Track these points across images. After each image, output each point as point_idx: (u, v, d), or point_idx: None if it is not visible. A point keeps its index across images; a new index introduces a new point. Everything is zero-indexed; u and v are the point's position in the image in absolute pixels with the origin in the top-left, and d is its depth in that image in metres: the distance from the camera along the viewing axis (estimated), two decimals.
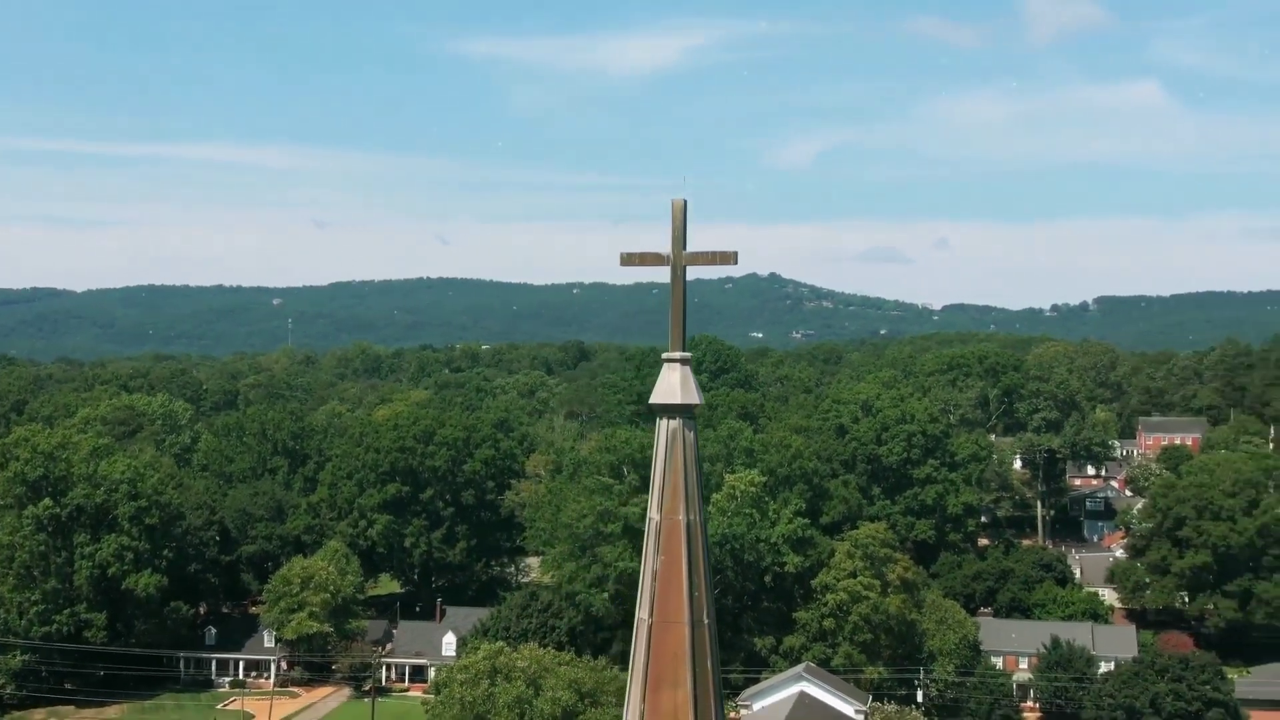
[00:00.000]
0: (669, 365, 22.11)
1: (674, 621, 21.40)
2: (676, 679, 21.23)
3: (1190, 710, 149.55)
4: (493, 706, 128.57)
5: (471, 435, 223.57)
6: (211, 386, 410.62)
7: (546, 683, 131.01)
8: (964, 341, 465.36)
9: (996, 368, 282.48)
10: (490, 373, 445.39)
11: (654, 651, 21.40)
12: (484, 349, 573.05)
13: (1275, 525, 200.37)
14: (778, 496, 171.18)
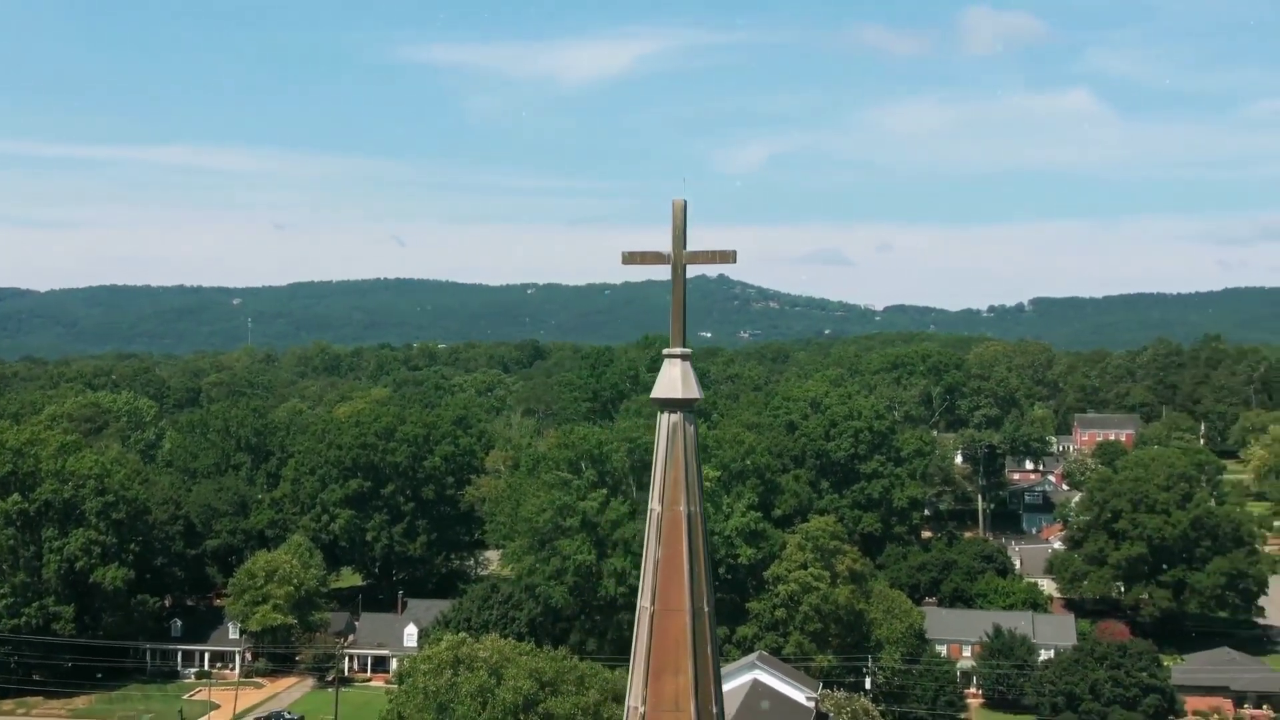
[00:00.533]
0: (669, 361, 22.13)
1: (676, 610, 21.38)
2: (678, 666, 21.22)
3: (1128, 696, 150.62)
4: (455, 696, 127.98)
5: (431, 432, 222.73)
6: (174, 384, 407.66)
7: (508, 672, 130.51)
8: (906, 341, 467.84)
9: (939, 366, 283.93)
10: (448, 371, 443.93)
11: (656, 639, 21.37)
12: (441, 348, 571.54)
13: (1207, 518, 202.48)
14: (731, 491, 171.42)
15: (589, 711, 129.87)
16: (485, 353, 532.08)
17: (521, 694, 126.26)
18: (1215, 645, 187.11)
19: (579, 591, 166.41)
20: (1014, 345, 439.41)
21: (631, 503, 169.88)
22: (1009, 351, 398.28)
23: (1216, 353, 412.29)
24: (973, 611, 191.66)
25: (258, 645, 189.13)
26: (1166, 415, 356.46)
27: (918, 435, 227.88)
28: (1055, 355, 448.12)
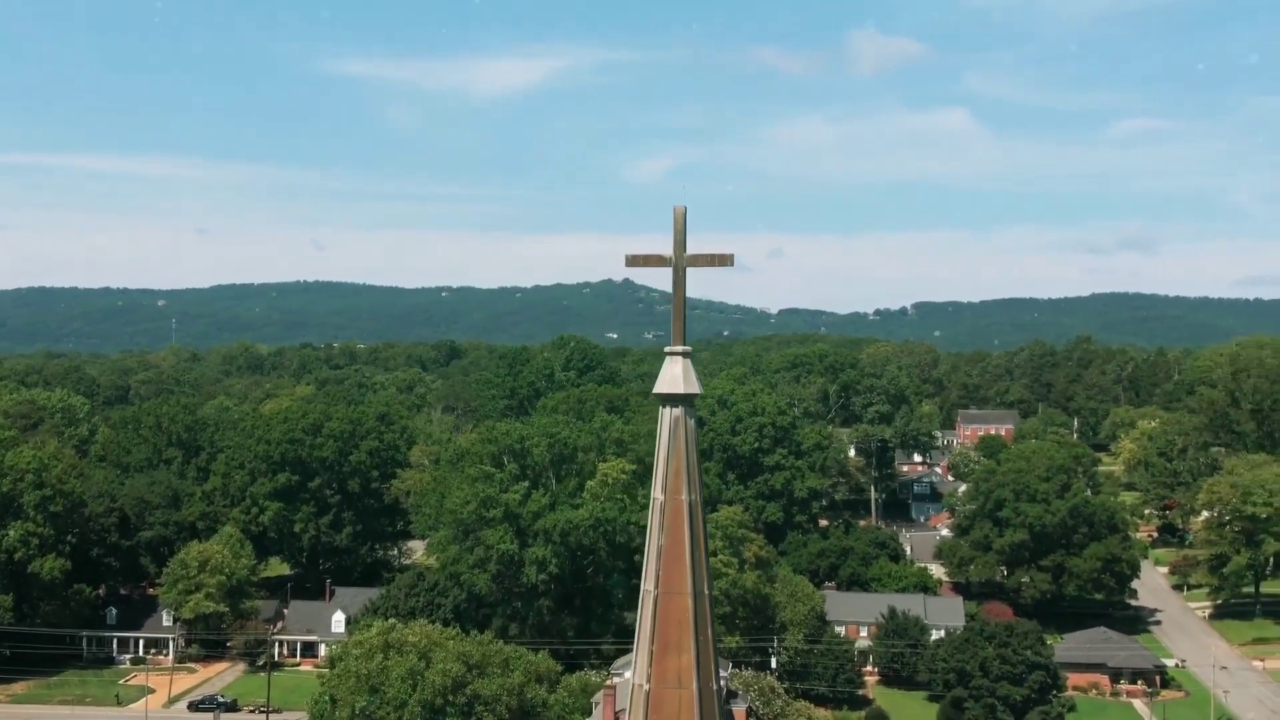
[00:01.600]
0: (671, 359, 22.17)
1: (678, 593, 21.42)
2: (681, 645, 21.27)
3: (1015, 673, 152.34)
4: (386, 678, 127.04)
5: (356, 428, 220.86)
6: (104, 382, 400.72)
7: (436, 656, 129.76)
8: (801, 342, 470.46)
9: (835, 366, 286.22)
10: (368, 370, 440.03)
11: (660, 620, 21.40)
12: (361, 348, 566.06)
13: (1084, 507, 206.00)
14: (646, 483, 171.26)
15: (514, 692, 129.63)
16: (404, 352, 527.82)
17: (450, 676, 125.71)
18: (1092, 625, 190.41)
19: (501, 579, 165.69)
20: (901, 346, 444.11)
21: (551, 494, 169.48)
22: (898, 352, 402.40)
23: (1087, 353, 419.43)
24: (868, 595, 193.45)
25: (191, 632, 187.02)
26: (1042, 411, 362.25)
27: (816, 430, 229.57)
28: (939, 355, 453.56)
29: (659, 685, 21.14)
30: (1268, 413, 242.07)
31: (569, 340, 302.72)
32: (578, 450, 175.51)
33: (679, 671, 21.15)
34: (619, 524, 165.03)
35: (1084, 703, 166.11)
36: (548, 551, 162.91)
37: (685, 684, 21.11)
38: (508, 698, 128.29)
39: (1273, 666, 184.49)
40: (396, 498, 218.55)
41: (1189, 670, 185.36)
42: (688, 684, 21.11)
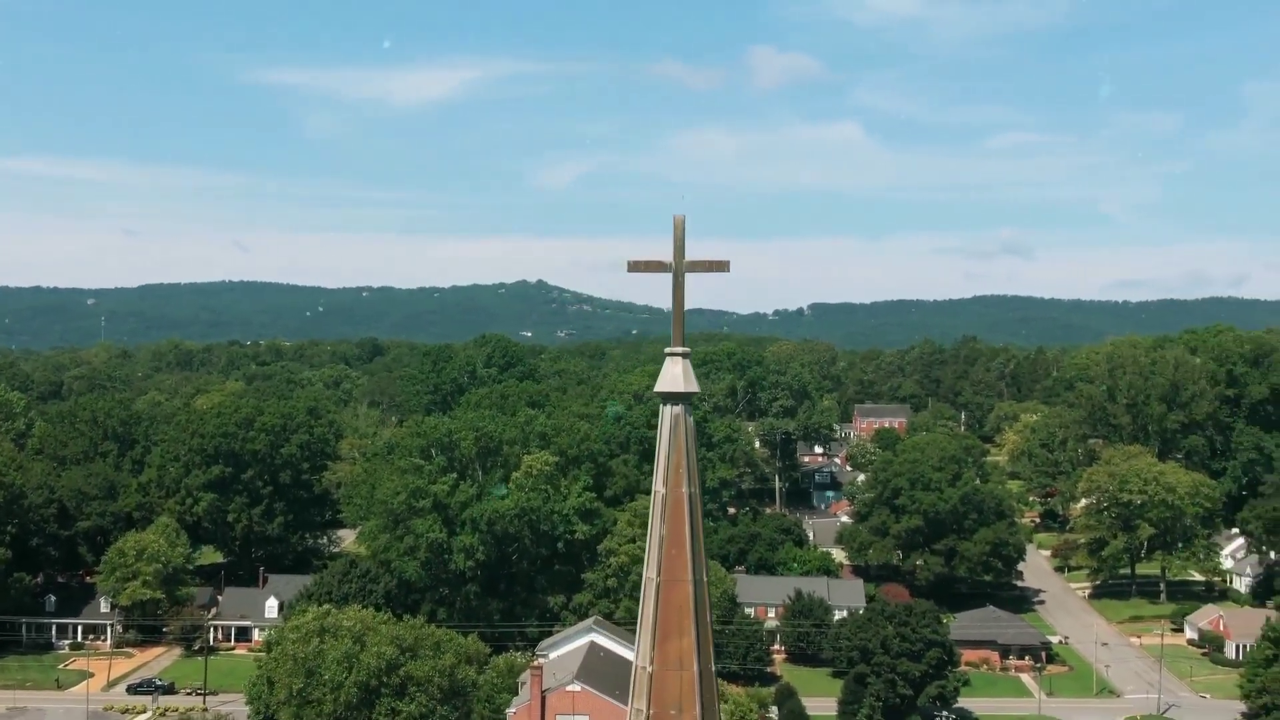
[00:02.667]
0: (671, 359, 22.17)
1: (679, 580, 21.42)
2: (682, 629, 21.27)
3: (914, 650, 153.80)
4: (323, 661, 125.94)
5: (287, 422, 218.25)
6: (38, 378, 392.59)
7: (371, 640, 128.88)
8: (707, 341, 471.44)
9: (742, 364, 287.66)
10: (294, 366, 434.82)
11: (662, 606, 21.37)
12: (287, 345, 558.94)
13: (974, 494, 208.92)
14: (568, 474, 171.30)
15: (445, 673, 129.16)
16: (328, 350, 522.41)
17: (384, 659, 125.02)
18: (982, 605, 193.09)
19: (430, 566, 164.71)
20: (803, 345, 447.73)
21: (478, 485, 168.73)
22: (799, 350, 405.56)
23: (973, 351, 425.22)
24: (775, 578, 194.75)
25: (128, 618, 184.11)
26: (932, 405, 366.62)
27: (726, 423, 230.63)
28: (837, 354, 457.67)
29: (661, 667, 21.12)
30: (1141, 407, 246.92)
31: (490, 339, 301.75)
32: (503, 443, 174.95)
33: (680, 654, 21.15)
34: (543, 513, 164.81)
35: (977, 677, 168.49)
36: (475, 540, 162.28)
37: (686, 666, 21.13)
38: (439, 678, 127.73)
39: (1148, 642, 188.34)
40: (327, 489, 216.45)
41: (1072, 646, 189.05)
42: (689, 666, 21.13)
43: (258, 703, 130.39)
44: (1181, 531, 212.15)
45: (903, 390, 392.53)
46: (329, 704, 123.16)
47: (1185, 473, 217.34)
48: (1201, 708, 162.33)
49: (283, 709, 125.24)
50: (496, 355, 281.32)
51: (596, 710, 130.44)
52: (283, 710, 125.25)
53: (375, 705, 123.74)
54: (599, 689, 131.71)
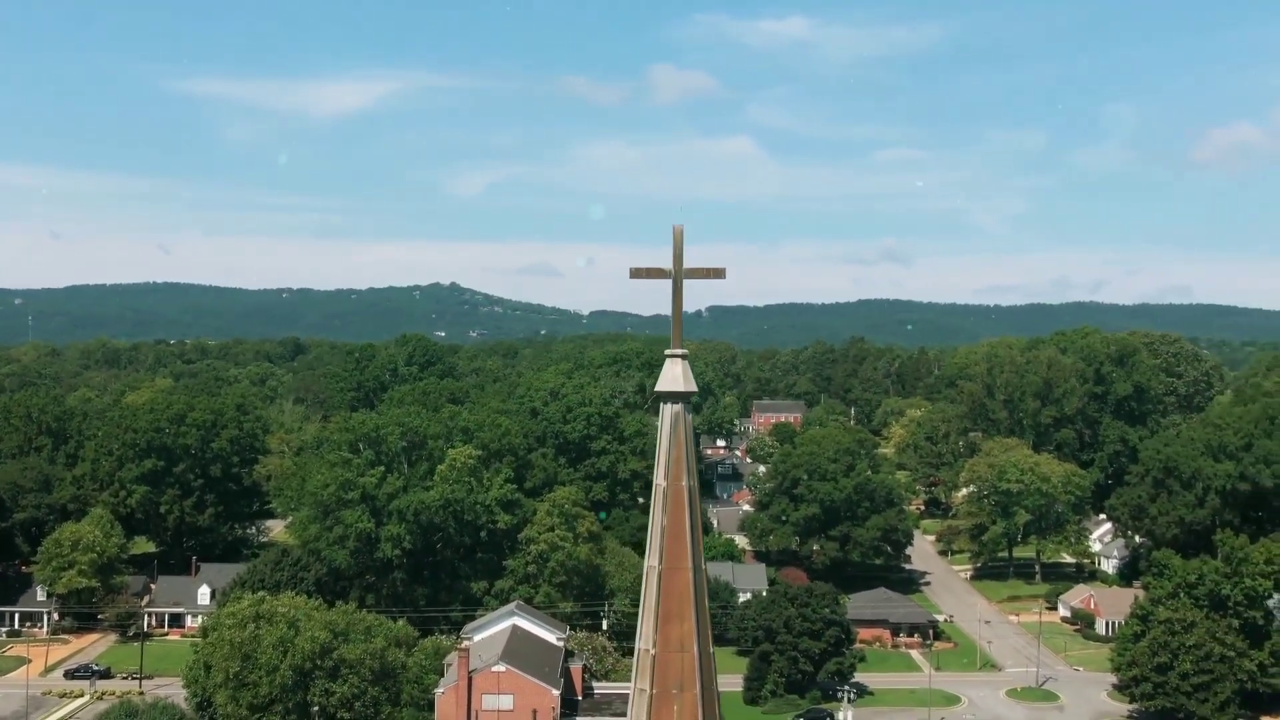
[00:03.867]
0: (671, 360, 22.18)
1: (680, 568, 21.47)
2: (683, 614, 21.32)
3: (814, 629, 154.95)
4: (258, 646, 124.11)
5: (218, 418, 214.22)
6: None
7: (305, 625, 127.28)
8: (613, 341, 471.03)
9: (650, 362, 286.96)
10: (220, 365, 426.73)
11: (663, 593, 21.39)
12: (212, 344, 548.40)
13: (866, 484, 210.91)
14: (490, 467, 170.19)
15: (376, 656, 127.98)
16: (252, 349, 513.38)
17: (318, 643, 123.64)
18: (874, 586, 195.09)
19: (359, 554, 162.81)
20: (704, 344, 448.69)
21: (404, 478, 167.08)
22: (701, 350, 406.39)
23: (861, 351, 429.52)
24: None
25: (64, 606, 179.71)
26: (824, 401, 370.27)
27: (636, 419, 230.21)
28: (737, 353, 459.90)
29: (663, 650, 21.16)
30: (1017, 403, 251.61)
31: (410, 338, 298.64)
32: (428, 438, 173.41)
33: (681, 637, 21.21)
34: (466, 504, 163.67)
35: (871, 654, 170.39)
36: (402, 529, 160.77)
37: (687, 648, 21.19)
38: (370, 661, 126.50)
39: (1026, 620, 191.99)
40: (256, 481, 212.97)
41: (956, 624, 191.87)
42: (689, 648, 21.20)
43: (195, 686, 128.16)
44: (1054, 518, 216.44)
45: (797, 387, 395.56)
46: (265, 686, 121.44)
47: (1057, 463, 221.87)
48: (1076, 680, 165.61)
49: (219, 691, 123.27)
50: (417, 354, 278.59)
51: (520, 689, 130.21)
52: (219, 693, 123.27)
53: (309, 687, 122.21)
54: (522, 669, 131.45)
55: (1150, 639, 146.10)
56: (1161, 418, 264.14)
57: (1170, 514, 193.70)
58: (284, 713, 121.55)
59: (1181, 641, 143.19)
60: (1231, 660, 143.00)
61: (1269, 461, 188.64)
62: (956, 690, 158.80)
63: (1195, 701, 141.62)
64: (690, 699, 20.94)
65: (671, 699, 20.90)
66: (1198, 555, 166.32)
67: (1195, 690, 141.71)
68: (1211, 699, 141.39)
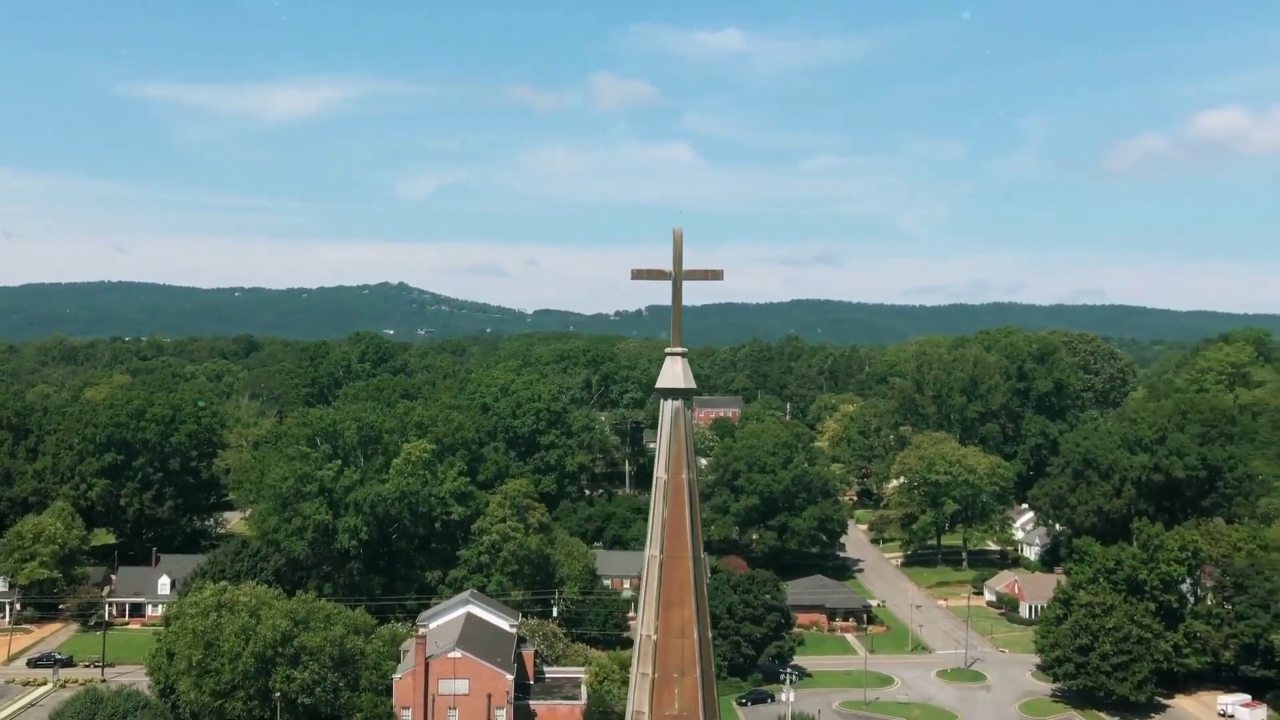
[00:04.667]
0: (671, 359, 22.13)
1: (680, 557, 21.47)
2: (683, 601, 21.33)
3: (756, 614, 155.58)
4: (221, 634, 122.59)
5: (176, 413, 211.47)
6: None
7: (266, 613, 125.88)
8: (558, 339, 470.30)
9: (596, 359, 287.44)
10: (176, 361, 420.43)
11: (665, 581, 21.39)
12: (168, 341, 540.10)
13: (803, 476, 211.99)
14: (444, 461, 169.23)
15: (335, 643, 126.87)
16: (207, 346, 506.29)
17: (279, 631, 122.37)
18: (811, 574, 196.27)
19: (316, 545, 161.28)
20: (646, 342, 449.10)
21: (361, 471, 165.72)
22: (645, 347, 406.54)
23: (796, 349, 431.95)
24: (630, 552, 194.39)
25: (26, 596, 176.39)
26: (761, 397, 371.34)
27: (583, 414, 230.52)
28: None
29: (664, 635, 21.17)
30: (945, 398, 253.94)
31: (363, 336, 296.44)
32: (383, 433, 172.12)
33: (682, 624, 21.22)
34: (421, 496, 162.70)
35: (809, 638, 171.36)
36: (359, 521, 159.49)
37: (687, 634, 21.21)
38: (330, 648, 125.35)
39: (954, 605, 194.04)
40: (215, 474, 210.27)
41: (889, 608, 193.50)
42: (689, 633, 21.21)
43: (158, 673, 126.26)
44: (980, 507, 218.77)
45: (735, 384, 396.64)
46: (227, 673, 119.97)
47: (983, 456, 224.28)
48: (1001, 661, 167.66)
49: (182, 678, 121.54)
50: (370, 352, 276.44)
51: (476, 674, 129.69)
52: (182, 680, 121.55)
53: (271, 674, 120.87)
54: (477, 655, 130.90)
55: (1072, 622, 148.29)
56: (1080, 412, 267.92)
57: (1089, 504, 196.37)
58: (246, 699, 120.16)
59: (1101, 624, 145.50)
60: (1148, 641, 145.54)
61: (1181, 454, 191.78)
62: (890, 672, 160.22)
63: (1115, 681, 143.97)
64: (690, 683, 20.98)
65: (673, 682, 20.93)
66: (1115, 543, 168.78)
67: (1114, 670, 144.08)
68: (1130, 678, 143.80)
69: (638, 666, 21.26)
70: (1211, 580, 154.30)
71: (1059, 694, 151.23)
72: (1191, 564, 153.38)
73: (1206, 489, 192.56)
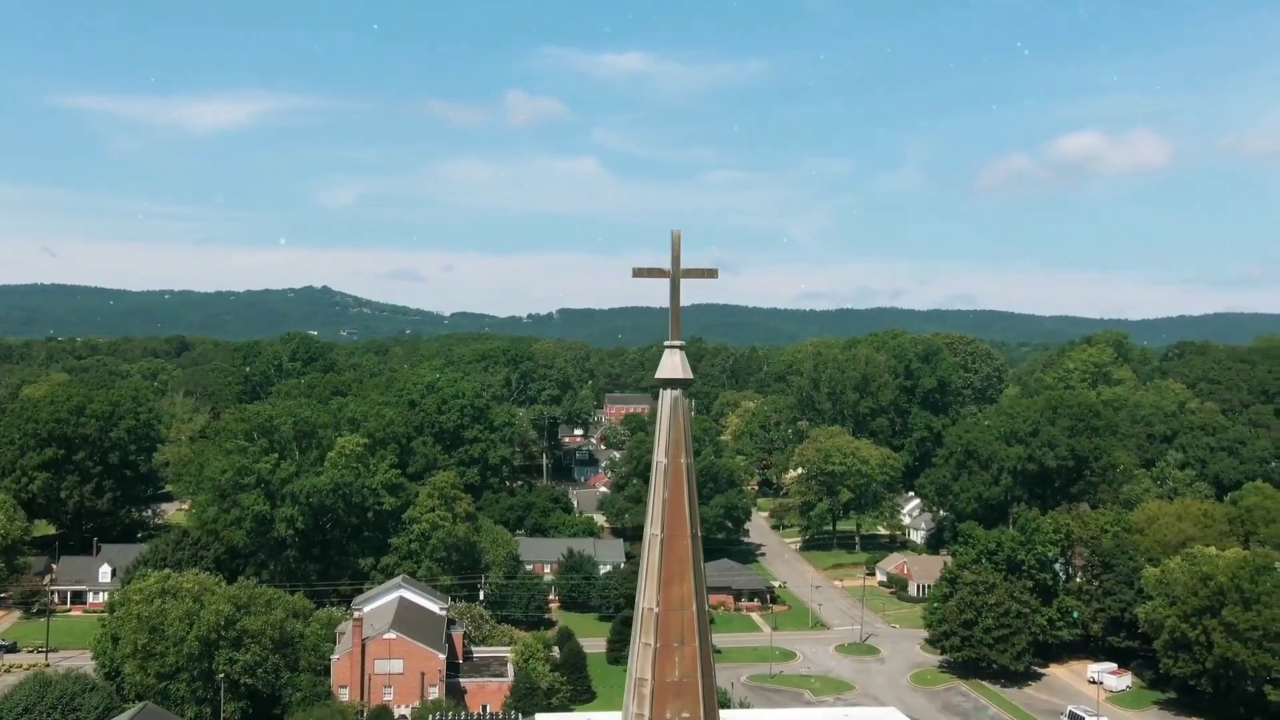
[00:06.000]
0: (670, 351, 22.21)
1: (679, 535, 21.58)
2: (683, 576, 21.43)
3: None
4: (165, 619, 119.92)
5: (115, 409, 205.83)
6: None
7: (208, 599, 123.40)
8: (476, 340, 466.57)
9: (516, 359, 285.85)
10: (110, 360, 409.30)
11: (665, 557, 21.48)
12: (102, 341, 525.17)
13: (710, 467, 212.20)
14: (375, 454, 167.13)
15: (276, 626, 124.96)
16: (140, 346, 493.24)
17: (222, 615, 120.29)
18: (718, 558, 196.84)
19: (255, 534, 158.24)
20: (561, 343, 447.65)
21: (297, 464, 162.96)
22: (561, 348, 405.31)
23: (699, 350, 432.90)
24: (550, 539, 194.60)
25: None
26: None
27: (504, 410, 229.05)
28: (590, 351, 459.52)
29: (665, 609, 21.25)
30: (839, 395, 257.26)
31: (294, 337, 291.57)
32: (317, 427, 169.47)
33: (681, 597, 21.33)
34: (354, 487, 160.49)
35: (718, 617, 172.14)
36: (295, 511, 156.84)
37: (687, 606, 21.31)
38: (271, 631, 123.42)
39: (849, 585, 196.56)
40: (153, 468, 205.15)
41: (790, 589, 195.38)
42: (689, 606, 21.32)
43: (104, 657, 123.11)
44: (872, 495, 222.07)
45: (645, 382, 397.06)
46: (172, 656, 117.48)
47: (874, 448, 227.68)
48: (893, 636, 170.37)
49: (128, 661, 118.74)
50: (300, 351, 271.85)
51: (409, 654, 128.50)
52: (128, 663, 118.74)
53: (215, 656, 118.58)
54: (411, 636, 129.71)
55: (957, 599, 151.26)
56: (960, 408, 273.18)
57: (970, 491, 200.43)
58: (190, 680, 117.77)
59: (984, 601, 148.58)
60: (1026, 616, 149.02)
61: (1052, 445, 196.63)
62: (792, 647, 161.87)
63: (996, 652, 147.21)
64: (690, 651, 21.10)
65: (673, 651, 21.03)
66: (995, 527, 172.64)
67: (996, 642, 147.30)
68: (1010, 649, 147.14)
69: (640, 637, 21.32)
70: (1081, 560, 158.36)
71: (945, 665, 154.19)
72: (1064, 545, 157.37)
73: (1075, 477, 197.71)
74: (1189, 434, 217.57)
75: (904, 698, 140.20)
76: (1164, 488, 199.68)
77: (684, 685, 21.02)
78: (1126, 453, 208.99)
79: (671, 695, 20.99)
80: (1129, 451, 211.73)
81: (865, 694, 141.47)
